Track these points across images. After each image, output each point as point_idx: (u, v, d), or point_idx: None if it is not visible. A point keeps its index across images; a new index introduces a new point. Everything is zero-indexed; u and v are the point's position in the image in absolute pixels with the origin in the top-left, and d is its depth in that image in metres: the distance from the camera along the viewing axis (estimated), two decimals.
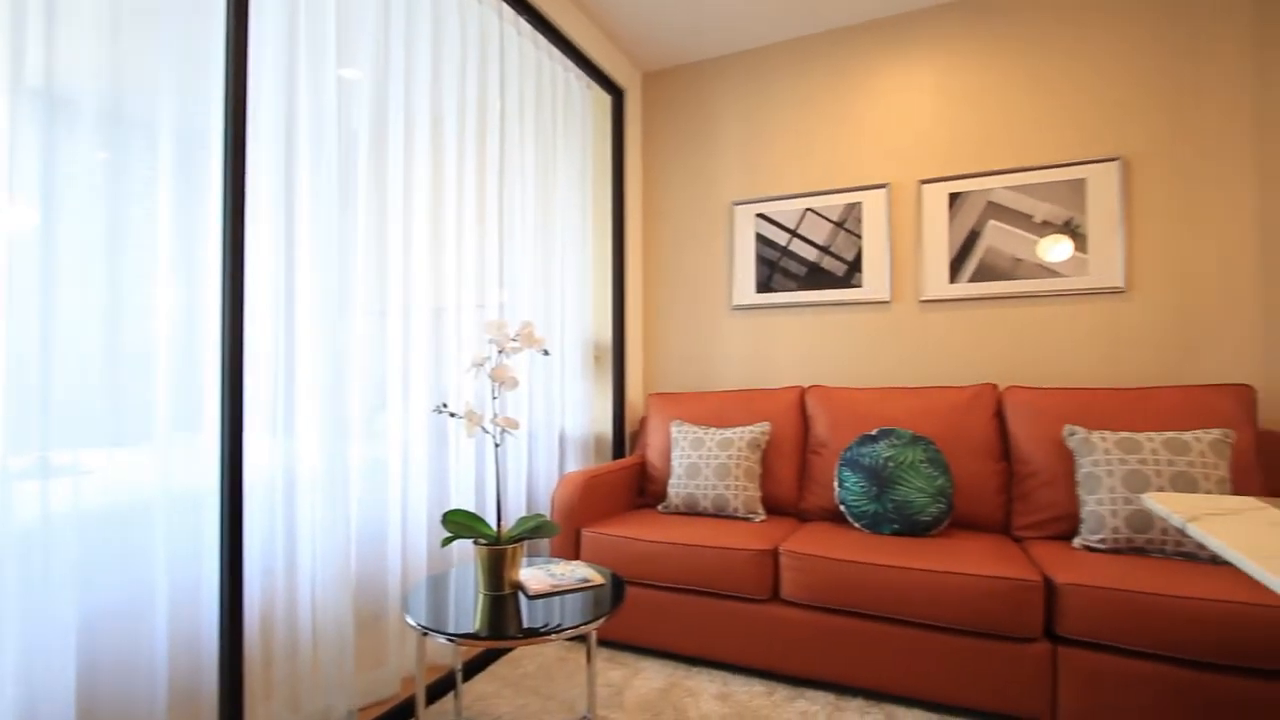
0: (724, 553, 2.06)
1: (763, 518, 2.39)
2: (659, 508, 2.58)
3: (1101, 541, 1.90)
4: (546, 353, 1.65)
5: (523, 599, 1.54)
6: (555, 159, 2.70)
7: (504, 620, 1.42)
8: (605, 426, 3.03)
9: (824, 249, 2.84)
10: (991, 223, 2.55)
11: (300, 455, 1.62)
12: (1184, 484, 1.83)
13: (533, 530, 1.58)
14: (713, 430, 2.54)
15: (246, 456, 1.45)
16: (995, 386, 2.37)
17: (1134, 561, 1.79)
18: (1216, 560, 1.77)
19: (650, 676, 2.07)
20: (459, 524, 1.56)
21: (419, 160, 1.99)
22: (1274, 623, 1.48)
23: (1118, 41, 2.41)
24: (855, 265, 2.78)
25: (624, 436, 3.04)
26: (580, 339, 2.84)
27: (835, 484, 2.33)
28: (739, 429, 2.52)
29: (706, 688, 1.99)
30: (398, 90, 1.91)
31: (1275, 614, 1.49)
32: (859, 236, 2.77)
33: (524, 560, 1.83)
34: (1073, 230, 2.43)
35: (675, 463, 2.54)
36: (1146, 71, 2.37)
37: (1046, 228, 2.47)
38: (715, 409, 2.72)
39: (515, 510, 2.43)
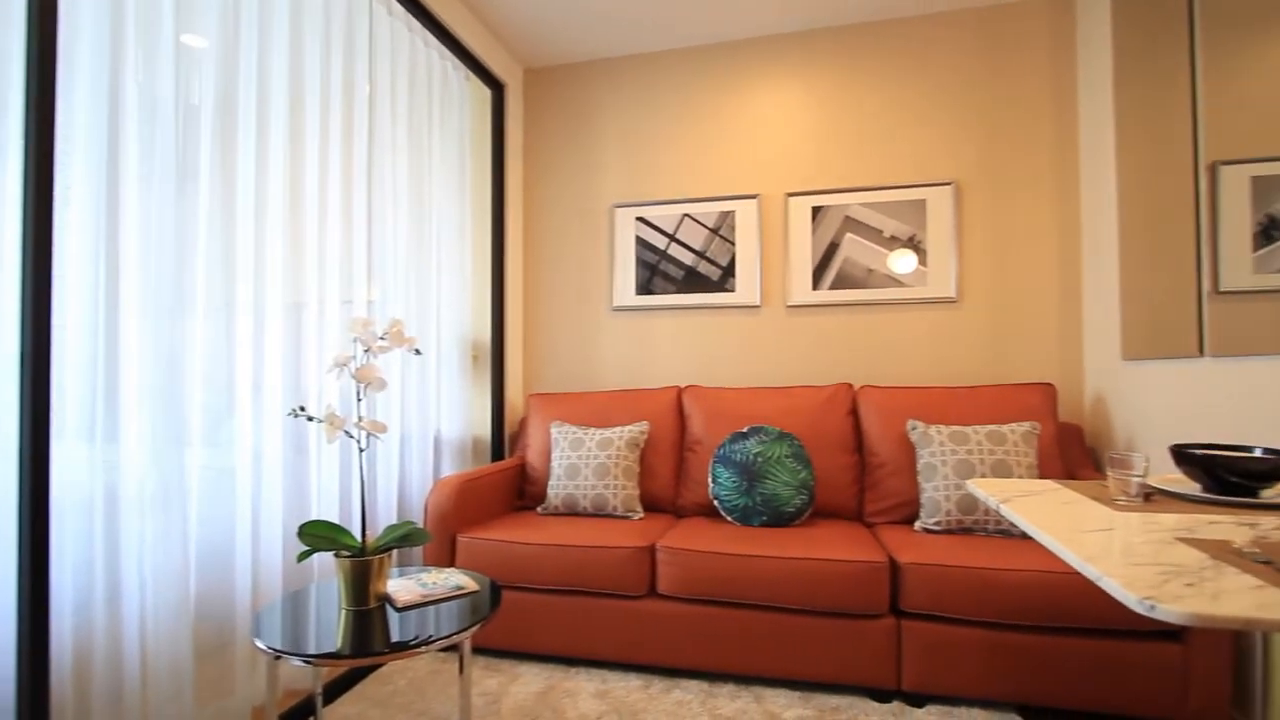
0: (602, 552, 2.08)
1: (641, 515, 2.44)
2: (538, 509, 2.56)
3: (937, 524, 2.13)
4: (418, 352, 1.58)
5: (390, 612, 1.46)
6: (431, 150, 2.59)
7: (369, 636, 1.34)
8: (484, 428, 2.95)
9: (700, 254, 2.95)
10: (849, 236, 2.78)
11: (127, 468, 1.43)
12: (1002, 470, 2.09)
13: (401, 539, 1.50)
14: (593, 430, 2.56)
15: (54, 470, 1.26)
16: (851, 386, 2.58)
17: (963, 540, 2.03)
18: (1026, 535, 2.04)
19: (528, 681, 2.04)
20: (318, 536, 1.45)
21: (275, 141, 1.82)
22: (1069, 587, 1.74)
23: (951, 82, 2.72)
24: (729, 271, 2.91)
25: (503, 438, 2.98)
26: (457, 338, 2.74)
27: (709, 480, 2.42)
28: (618, 429, 2.55)
29: (585, 687, 2.00)
30: (249, 63, 1.74)
31: (1069, 579, 1.74)
32: (732, 243, 2.91)
33: (394, 571, 1.74)
34: (916, 245, 2.71)
35: (555, 463, 2.52)
36: (973, 109, 2.69)
37: (894, 242, 2.73)
38: (595, 409, 2.74)
39: (386, 519, 2.30)
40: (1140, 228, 2.15)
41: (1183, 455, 1.29)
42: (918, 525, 2.19)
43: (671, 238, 2.98)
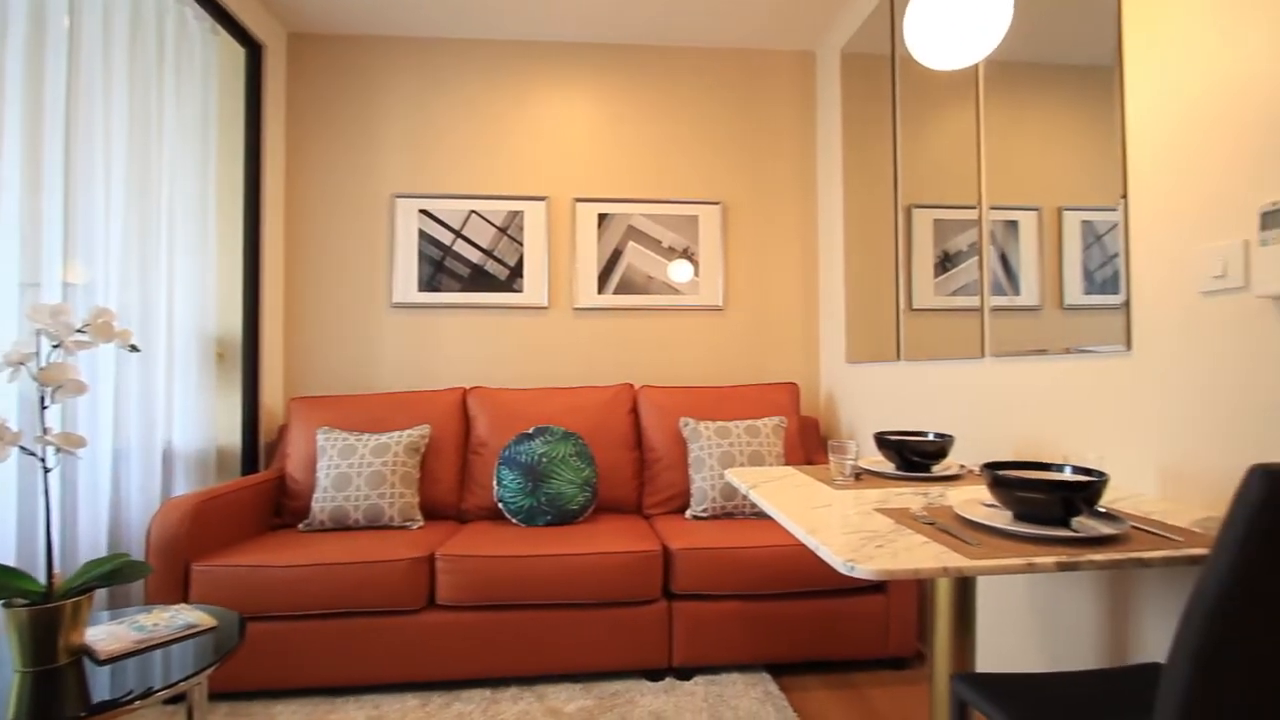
0: (376, 566, 1.93)
1: (420, 524, 2.32)
2: (300, 526, 2.29)
3: (705, 511, 2.34)
4: (134, 348, 1.32)
5: (90, 667, 1.20)
6: (161, 109, 2.18)
7: (56, 701, 1.09)
8: (232, 438, 2.56)
9: (488, 253, 2.89)
10: (631, 244, 2.94)
11: None
12: (756, 460, 2.38)
13: (106, 576, 1.24)
14: (367, 436, 2.36)
15: None
16: (632, 386, 2.74)
17: (725, 524, 2.26)
18: None
19: None
20: None
21: None
22: (803, 557, 2.03)
23: (720, 112, 3.02)
24: (517, 271, 2.90)
25: (258, 449, 2.62)
26: (196, 333, 2.34)
27: (494, 483, 2.39)
28: (396, 433, 2.39)
29: (354, 716, 1.84)
30: None
31: (803, 551, 2.04)
32: (521, 244, 2.90)
33: (102, 615, 1.44)
34: (690, 257, 2.96)
35: (321, 474, 2.28)
36: (737, 140, 3.02)
37: (672, 253, 2.95)
38: (371, 413, 2.53)
39: (94, 553, 1.88)
40: (859, 254, 2.59)
41: (882, 440, 1.59)
42: (688, 513, 2.39)
43: (458, 234, 2.88)
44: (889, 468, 1.60)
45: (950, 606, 1.26)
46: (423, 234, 2.87)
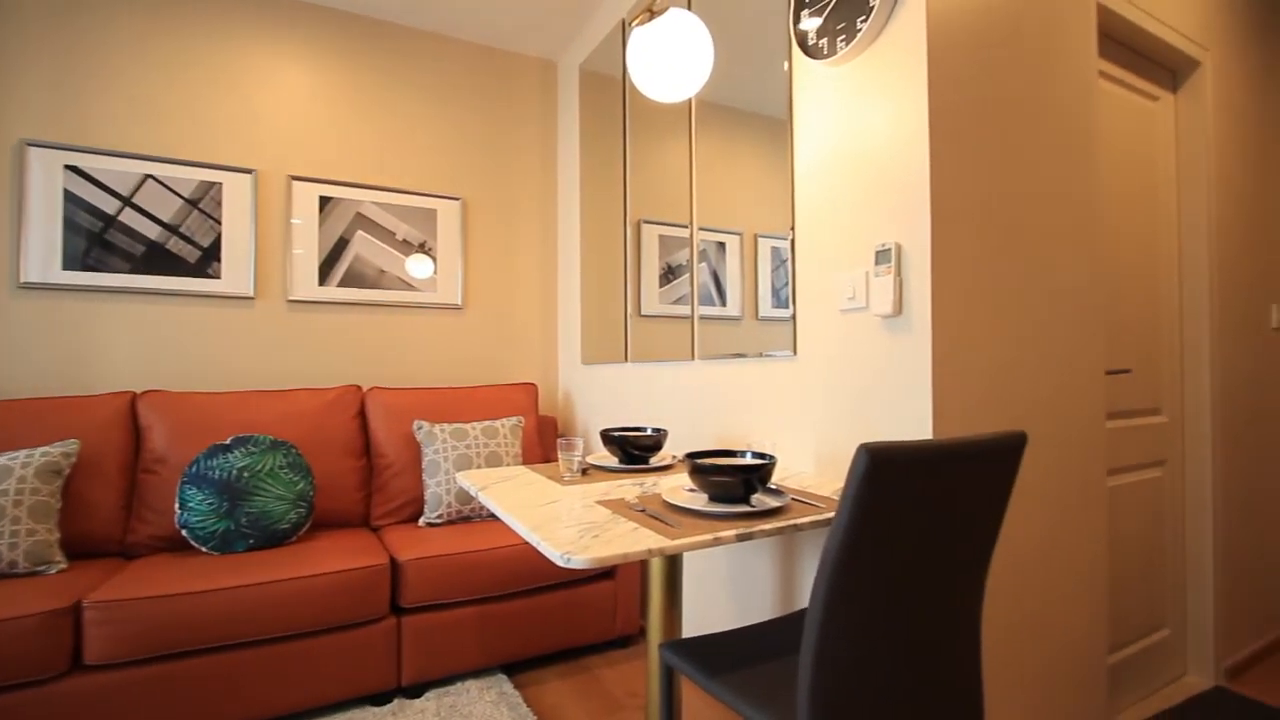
0: None
1: (63, 566, 1.82)
2: None
3: (440, 517, 2.26)
4: None
5: None
6: None
7: None
8: None
9: (172, 229, 2.39)
10: (360, 233, 2.70)
11: None
12: (494, 460, 2.36)
13: None
14: None
15: None
16: (359, 388, 2.51)
17: (461, 529, 2.20)
18: None
19: None
20: None
21: None
22: (536, 554, 2.08)
23: (464, 107, 2.94)
24: (213, 253, 2.45)
25: None
26: None
27: (176, 506, 1.99)
28: (24, 452, 1.85)
29: None
30: None
31: (527, 550, 2.08)
32: (218, 221, 2.46)
33: None
34: (427, 252, 2.83)
35: None
36: (481, 138, 2.98)
37: (407, 246, 2.78)
38: None
39: None
40: (595, 261, 2.74)
41: (607, 436, 1.71)
42: (422, 521, 2.28)
43: (127, 202, 2.33)
44: (613, 462, 1.72)
45: (661, 583, 1.41)
46: (72, 196, 2.26)
